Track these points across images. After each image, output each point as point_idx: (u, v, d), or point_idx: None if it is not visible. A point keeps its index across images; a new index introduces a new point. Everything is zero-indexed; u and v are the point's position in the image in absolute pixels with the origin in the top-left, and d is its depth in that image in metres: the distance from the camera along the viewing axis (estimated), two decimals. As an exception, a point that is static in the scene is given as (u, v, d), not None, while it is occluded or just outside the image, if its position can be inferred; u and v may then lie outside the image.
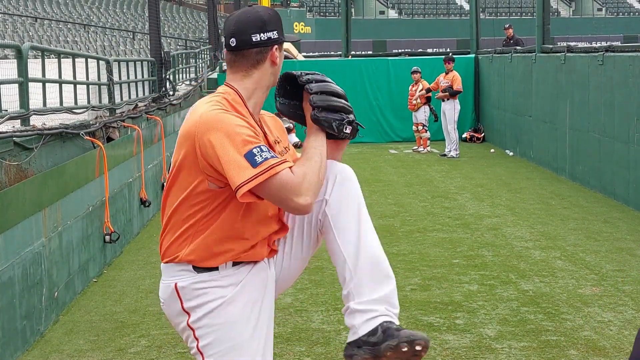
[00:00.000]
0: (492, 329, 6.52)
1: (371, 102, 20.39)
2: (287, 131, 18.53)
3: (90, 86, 10.07)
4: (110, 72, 10.52)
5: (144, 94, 13.15)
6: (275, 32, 3.18)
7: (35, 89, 7.91)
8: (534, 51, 16.02)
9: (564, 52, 14.34)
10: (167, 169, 12.96)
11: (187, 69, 19.85)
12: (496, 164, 16.22)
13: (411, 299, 7.29)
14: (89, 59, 10.35)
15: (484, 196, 12.60)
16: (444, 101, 17.40)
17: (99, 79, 10.37)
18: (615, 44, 14.34)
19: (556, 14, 54.63)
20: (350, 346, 3.13)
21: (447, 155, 17.26)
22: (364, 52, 37.67)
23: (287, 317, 6.91)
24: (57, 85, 8.74)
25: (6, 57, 21.80)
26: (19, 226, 6.42)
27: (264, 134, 3.23)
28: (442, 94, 17.48)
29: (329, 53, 31.68)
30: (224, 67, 20.01)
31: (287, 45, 30.76)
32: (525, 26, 36.26)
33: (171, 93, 14.71)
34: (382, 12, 54.18)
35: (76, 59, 9.66)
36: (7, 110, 7.11)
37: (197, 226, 3.14)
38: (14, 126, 7.13)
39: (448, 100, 17.29)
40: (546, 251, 9.02)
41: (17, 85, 7.29)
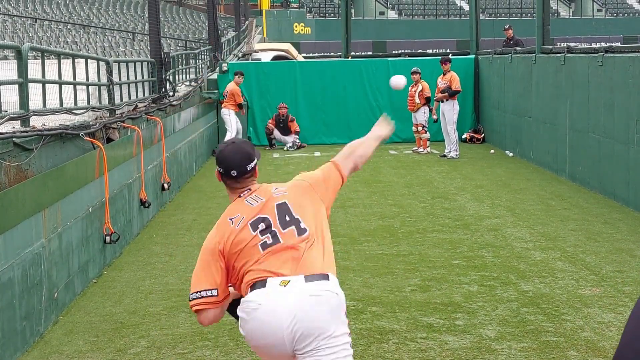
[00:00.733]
0: (492, 329, 6.52)
1: (371, 103, 20.39)
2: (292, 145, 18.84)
3: (90, 87, 10.06)
4: (110, 72, 10.51)
5: (143, 94, 13.14)
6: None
7: (35, 90, 7.90)
8: (534, 52, 16.03)
9: (563, 53, 14.34)
10: (166, 169, 12.96)
11: (187, 70, 19.83)
12: (496, 164, 16.22)
13: (411, 300, 7.28)
14: (89, 60, 10.34)
15: (484, 197, 12.60)
16: (442, 102, 17.40)
17: (98, 79, 10.36)
18: (615, 44, 14.34)
19: (556, 14, 54.65)
20: None
21: (447, 156, 17.26)
22: (363, 53, 37.69)
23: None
24: (57, 86, 8.72)
25: (6, 58, 21.79)
26: (18, 227, 6.42)
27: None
28: (440, 95, 17.48)
29: (328, 54, 31.68)
30: (224, 68, 20.03)
31: (286, 46, 30.55)
32: (525, 27, 36.29)
33: (171, 94, 14.70)
34: (382, 13, 54.21)
35: (76, 60, 9.65)
36: (7, 111, 7.10)
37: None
38: (13, 127, 7.13)
39: (447, 101, 17.30)
40: (546, 252, 9.01)
41: (17, 86, 7.28)
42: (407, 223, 10.78)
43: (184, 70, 19.01)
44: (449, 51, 26.70)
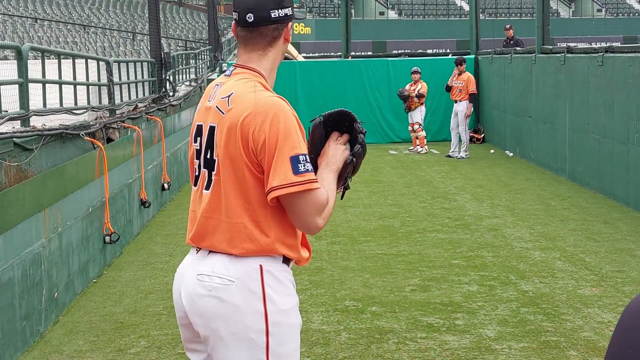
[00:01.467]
0: (492, 329, 6.53)
1: (371, 103, 20.40)
2: None
3: (90, 87, 10.07)
4: (110, 72, 10.52)
5: (144, 94, 13.15)
6: (290, 9, 3.09)
7: (35, 90, 7.91)
8: (534, 52, 16.03)
9: (563, 52, 14.34)
10: (166, 169, 12.97)
11: (187, 70, 19.85)
12: (496, 164, 16.23)
13: (411, 300, 7.29)
14: (89, 60, 10.35)
15: (484, 197, 12.60)
16: (456, 102, 17.33)
17: (99, 79, 10.37)
18: (614, 44, 14.35)
19: (556, 14, 54.66)
20: None
21: (455, 157, 17.17)
22: (363, 53, 37.71)
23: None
24: (57, 86, 8.73)
25: (6, 58, 21.80)
26: (18, 227, 6.42)
27: None
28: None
29: (328, 54, 31.70)
30: (224, 68, 20.03)
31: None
32: (525, 27, 36.31)
33: (171, 94, 14.71)
34: (382, 13, 54.23)
35: (76, 60, 9.66)
36: (7, 111, 7.11)
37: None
38: (14, 127, 7.13)
39: (462, 101, 17.23)
40: (546, 252, 9.02)
41: (17, 86, 7.29)
42: (407, 223, 10.79)
43: (184, 70, 19.03)
44: (448, 51, 26.74)
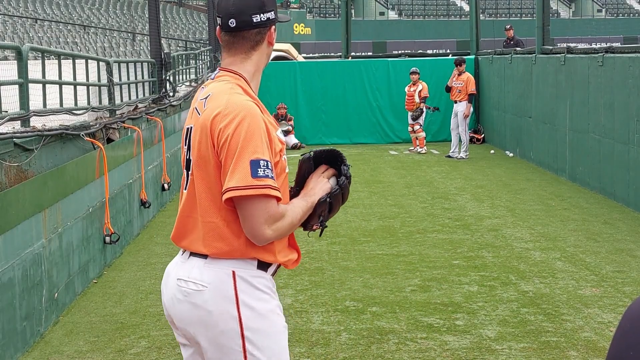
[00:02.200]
0: (492, 330, 6.53)
1: (371, 103, 20.40)
2: (286, 133, 18.58)
3: (91, 87, 10.06)
4: (110, 73, 10.52)
5: (144, 95, 13.15)
6: (272, 13, 3.12)
7: (35, 90, 7.91)
8: (534, 52, 16.03)
9: (563, 53, 14.35)
10: (167, 170, 12.96)
11: (187, 70, 19.83)
12: (496, 165, 16.23)
13: (411, 300, 7.29)
14: (89, 60, 10.34)
15: (484, 197, 12.60)
16: (456, 103, 17.34)
17: (99, 80, 10.36)
18: (615, 45, 14.35)
19: (556, 15, 54.65)
20: None
21: (455, 157, 17.17)
22: (363, 53, 37.70)
23: (286, 318, 6.90)
24: (57, 86, 8.73)
25: (6, 59, 21.80)
26: (19, 227, 6.42)
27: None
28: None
29: (329, 54, 31.70)
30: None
31: (286, 46, 30.37)
32: (525, 27, 36.32)
33: (171, 94, 14.70)
34: (382, 14, 54.23)
35: (76, 60, 9.65)
36: (7, 112, 7.11)
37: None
38: (14, 127, 7.13)
39: (461, 101, 17.24)
40: (546, 252, 9.02)
41: (17, 86, 7.29)
42: (407, 223, 10.79)
43: (184, 70, 19.01)
44: (448, 52, 26.72)
